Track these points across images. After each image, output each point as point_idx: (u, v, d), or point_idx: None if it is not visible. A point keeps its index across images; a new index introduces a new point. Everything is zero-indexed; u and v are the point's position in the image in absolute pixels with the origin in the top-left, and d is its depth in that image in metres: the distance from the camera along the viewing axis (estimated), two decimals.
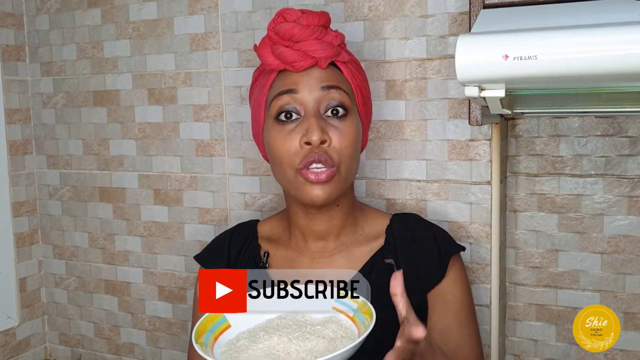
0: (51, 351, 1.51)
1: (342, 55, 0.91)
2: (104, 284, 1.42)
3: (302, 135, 0.87)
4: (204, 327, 0.79)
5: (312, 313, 0.82)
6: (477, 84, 0.77)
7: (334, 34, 0.91)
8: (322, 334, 0.75)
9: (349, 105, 0.89)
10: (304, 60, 0.87)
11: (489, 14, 0.83)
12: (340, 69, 0.91)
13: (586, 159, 1.05)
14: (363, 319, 0.76)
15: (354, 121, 0.90)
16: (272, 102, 0.90)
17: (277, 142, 0.89)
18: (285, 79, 0.89)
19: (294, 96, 0.88)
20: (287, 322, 0.80)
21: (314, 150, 0.86)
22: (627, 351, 1.06)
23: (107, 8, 1.32)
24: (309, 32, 0.88)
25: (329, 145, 0.87)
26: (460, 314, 0.93)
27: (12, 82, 1.40)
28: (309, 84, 0.88)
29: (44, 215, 1.47)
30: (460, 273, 0.95)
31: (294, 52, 0.88)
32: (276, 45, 0.90)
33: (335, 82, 0.89)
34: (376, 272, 0.92)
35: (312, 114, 0.87)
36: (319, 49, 0.87)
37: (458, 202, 1.08)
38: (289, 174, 0.89)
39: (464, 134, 1.06)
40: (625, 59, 0.68)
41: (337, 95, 0.88)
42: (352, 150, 0.89)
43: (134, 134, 1.33)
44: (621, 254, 1.05)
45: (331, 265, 0.95)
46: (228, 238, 1.03)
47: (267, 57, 0.90)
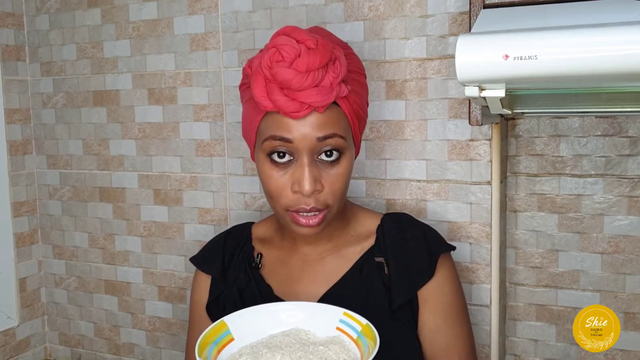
0: (51, 351, 1.51)
1: (341, 90, 0.84)
2: (104, 284, 1.42)
3: (294, 183, 0.85)
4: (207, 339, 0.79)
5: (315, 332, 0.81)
6: (477, 84, 0.77)
7: (333, 75, 0.82)
8: (324, 356, 0.75)
9: (344, 147, 0.86)
10: (301, 110, 0.82)
11: (489, 14, 0.83)
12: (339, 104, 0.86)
13: (586, 159, 1.05)
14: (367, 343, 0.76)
15: (348, 158, 0.87)
16: (264, 141, 0.86)
17: (270, 180, 0.87)
18: (280, 121, 0.84)
19: (287, 144, 0.84)
20: (290, 340, 0.79)
21: (304, 200, 0.85)
22: (627, 351, 1.06)
23: (107, 8, 1.32)
24: (309, 82, 0.80)
25: (321, 192, 0.85)
26: (449, 313, 0.93)
27: (12, 82, 1.40)
28: (304, 134, 0.83)
29: (44, 215, 1.47)
30: (449, 272, 0.94)
31: (292, 103, 0.81)
32: (271, 86, 0.82)
33: (333, 129, 0.84)
34: (367, 271, 0.93)
35: (306, 163, 0.84)
36: (318, 99, 0.81)
37: (458, 202, 1.08)
38: (278, 209, 0.89)
39: (464, 134, 1.06)
40: (625, 59, 0.68)
41: (333, 142, 0.84)
42: (346, 187, 0.88)
43: (134, 134, 1.33)
44: (621, 254, 1.05)
45: (323, 266, 0.95)
46: (223, 240, 1.04)
47: (262, 99, 0.83)
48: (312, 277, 0.95)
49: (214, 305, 1.00)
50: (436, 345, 0.92)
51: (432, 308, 0.92)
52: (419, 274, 0.92)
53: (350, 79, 0.88)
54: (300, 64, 0.80)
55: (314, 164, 0.85)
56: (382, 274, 0.92)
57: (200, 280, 1.04)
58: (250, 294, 0.96)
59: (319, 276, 0.95)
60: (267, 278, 0.97)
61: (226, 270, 1.01)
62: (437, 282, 0.92)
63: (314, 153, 0.85)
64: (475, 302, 1.09)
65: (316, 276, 0.95)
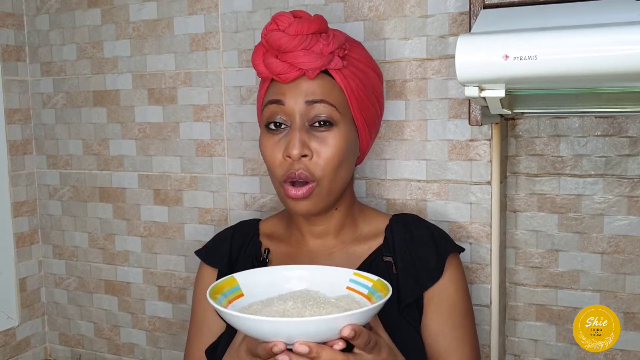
0: (51, 351, 1.51)
1: (334, 62, 0.88)
2: (104, 284, 1.42)
3: (285, 149, 0.88)
4: (219, 289, 0.79)
5: (325, 293, 0.81)
6: (477, 84, 0.77)
7: (324, 42, 0.87)
8: (336, 305, 0.76)
9: (336, 118, 0.88)
10: (290, 72, 0.87)
11: (489, 14, 0.83)
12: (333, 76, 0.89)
13: (586, 159, 1.05)
14: (378, 295, 0.76)
15: (342, 131, 0.89)
16: (263, 110, 0.91)
17: (266, 151, 0.91)
18: (275, 88, 0.90)
19: (281, 107, 0.89)
20: (300, 294, 0.80)
21: (294, 166, 0.87)
22: (627, 351, 1.06)
23: (107, 8, 1.32)
24: (297, 43, 0.86)
25: (311, 159, 0.87)
26: (454, 315, 0.93)
27: (12, 82, 1.40)
28: (295, 97, 0.88)
29: (44, 215, 1.47)
30: (457, 274, 0.95)
31: (281, 64, 0.87)
32: (267, 54, 0.89)
33: (321, 95, 0.88)
34: (375, 270, 0.93)
35: (297, 127, 0.88)
36: (305, 60, 0.86)
37: (458, 202, 1.08)
38: (275, 184, 0.92)
39: (464, 134, 1.06)
40: (625, 59, 0.68)
41: (323, 109, 0.87)
42: (337, 162, 0.89)
43: (134, 134, 1.33)
44: (621, 254, 1.05)
45: (330, 263, 0.95)
46: (230, 234, 1.04)
47: (258, 65, 0.90)
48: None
49: None
50: (438, 347, 0.92)
51: (436, 309, 0.92)
52: (426, 274, 0.92)
53: (352, 63, 0.91)
54: (290, 29, 0.87)
55: (305, 130, 0.88)
56: (390, 273, 0.93)
57: (205, 273, 1.03)
58: None
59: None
60: None
61: (233, 265, 1.01)
62: (444, 283, 0.92)
63: (305, 119, 0.88)
64: (475, 302, 1.09)
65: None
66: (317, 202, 0.90)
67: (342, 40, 0.90)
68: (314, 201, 0.89)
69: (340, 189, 0.92)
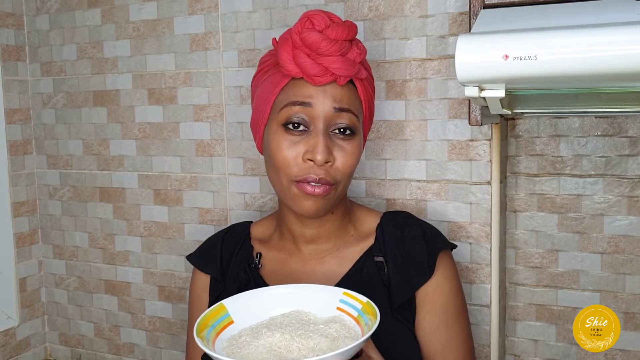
0: (51, 351, 1.51)
1: (361, 72, 0.89)
2: (104, 284, 1.42)
3: (307, 151, 0.86)
4: (206, 322, 0.79)
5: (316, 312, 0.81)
6: (477, 84, 0.77)
7: (357, 51, 0.87)
8: (325, 333, 0.75)
9: (357, 127, 0.89)
10: (324, 76, 0.85)
11: (489, 14, 0.83)
12: (355, 86, 0.90)
13: (586, 159, 1.05)
14: (367, 319, 0.76)
15: (359, 141, 0.90)
16: (282, 109, 0.87)
17: (280, 149, 0.87)
18: (301, 88, 0.87)
19: (307, 109, 0.86)
20: (290, 320, 0.79)
21: (314, 170, 0.86)
22: (627, 351, 1.06)
23: (107, 8, 1.32)
24: (336, 48, 0.85)
25: (332, 165, 0.87)
26: (447, 313, 0.92)
27: (12, 82, 1.40)
28: (324, 101, 0.86)
29: (44, 215, 1.47)
30: (449, 271, 0.94)
31: (317, 66, 0.85)
32: (298, 51, 0.86)
33: (348, 105, 0.87)
34: (366, 271, 0.93)
35: (321, 132, 0.86)
36: (341, 67, 0.85)
37: (458, 202, 1.08)
38: (283, 181, 0.89)
39: (464, 134, 1.06)
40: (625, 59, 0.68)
41: (347, 119, 0.87)
42: (353, 169, 0.90)
43: (134, 134, 1.33)
44: (621, 254, 1.05)
45: (322, 266, 0.95)
46: (221, 239, 1.03)
47: (287, 63, 0.87)
48: (312, 277, 0.95)
49: None
50: (432, 345, 0.91)
51: (430, 308, 0.92)
52: (417, 273, 0.92)
53: (369, 74, 0.93)
54: (330, 32, 0.85)
55: (328, 135, 0.87)
56: (382, 273, 0.92)
57: (199, 279, 1.04)
58: None
59: (318, 277, 0.95)
60: (266, 278, 0.97)
61: (225, 270, 1.00)
62: (436, 281, 0.92)
63: (329, 125, 0.87)
64: (475, 302, 1.09)
65: (316, 277, 0.95)
66: (327, 204, 0.89)
67: (365, 53, 0.91)
68: (325, 202, 0.88)
69: (343, 196, 0.93)
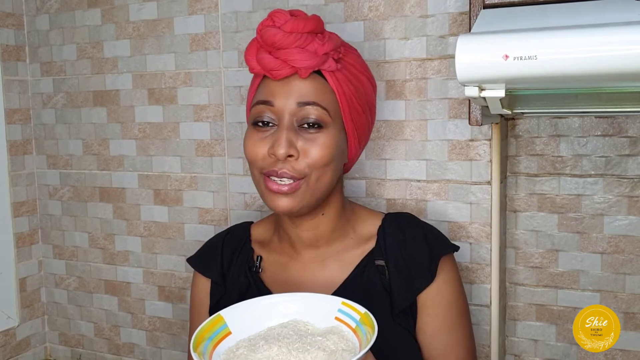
0: (51, 351, 1.51)
1: (328, 63, 0.86)
2: (104, 284, 1.42)
3: (270, 146, 0.86)
4: (203, 334, 0.78)
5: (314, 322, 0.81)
6: (477, 84, 0.77)
7: (319, 42, 0.86)
8: (322, 346, 0.75)
9: (327, 121, 0.87)
10: (282, 69, 0.85)
11: (489, 14, 0.83)
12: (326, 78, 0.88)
13: (586, 159, 1.05)
14: (365, 331, 0.76)
15: (331, 134, 0.87)
16: (251, 109, 0.90)
17: (249, 145, 0.88)
18: (266, 86, 0.88)
19: (270, 108, 0.87)
20: (287, 332, 0.79)
21: (277, 164, 0.86)
22: (627, 351, 1.06)
23: (107, 8, 1.32)
24: (291, 40, 0.84)
25: (297, 159, 0.86)
26: (449, 317, 0.92)
27: (12, 82, 1.40)
28: (285, 97, 0.86)
29: (44, 215, 1.47)
30: (451, 274, 0.93)
31: (274, 60, 0.85)
32: (260, 50, 0.87)
33: (313, 98, 0.86)
34: (367, 275, 0.92)
35: (284, 126, 0.86)
36: (299, 58, 0.84)
37: (458, 202, 1.08)
38: (255, 174, 0.90)
39: (464, 134, 1.06)
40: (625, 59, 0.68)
41: (313, 112, 0.86)
42: (326, 161, 0.86)
43: (134, 134, 1.33)
44: (621, 254, 1.05)
45: (323, 271, 0.94)
46: (221, 241, 1.03)
47: (250, 61, 0.88)
48: (313, 282, 0.94)
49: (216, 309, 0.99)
50: (434, 349, 0.91)
51: (431, 312, 0.91)
52: (419, 277, 0.91)
53: (347, 68, 0.89)
54: (286, 26, 0.86)
55: (293, 130, 0.86)
56: (383, 277, 0.91)
57: (200, 282, 1.03)
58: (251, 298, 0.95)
59: (319, 281, 0.93)
60: (267, 282, 0.96)
61: (226, 274, 1.00)
62: (438, 285, 0.91)
63: (294, 119, 0.86)
64: (475, 302, 1.09)
65: (316, 281, 0.94)
66: (300, 200, 0.87)
67: (337, 42, 0.89)
68: (298, 198, 0.86)
69: (324, 192, 0.89)
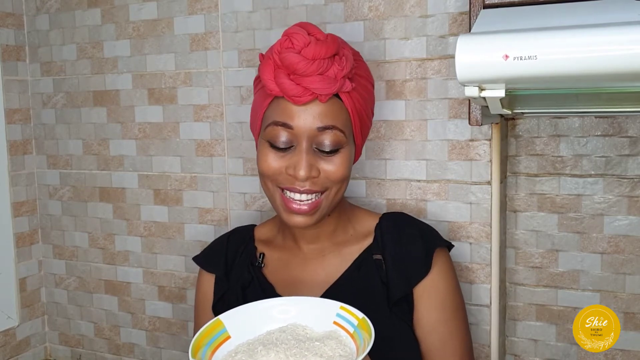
0: (51, 351, 1.51)
1: (345, 85, 0.88)
2: (104, 284, 1.42)
3: (289, 167, 0.87)
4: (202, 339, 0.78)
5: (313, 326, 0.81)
6: (477, 84, 0.77)
7: (338, 67, 0.86)
8: (320, 352, 0.75)
9: (343, 142, 0.89)
10: (304, 95, 0.85)
11: (489, 14, 0.83)
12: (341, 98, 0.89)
13: (586, 159, 1.05)
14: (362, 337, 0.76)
15: (347, 151, 0.90)
16: (267, 127, 0.89)
17: (265, 162, 0.89)
18: (284, 107, 0.87)
19: (289, 131, 0.87)
20: (286, 337, 0.79)
21: (299, 183, 0.87)
22: (627, 351, 1.06)
23: (107, 8, 1.32)
24: (314, 68, 0.84)
25: (317, 177, 0.88)
26: (444, 310, 0.93)
27: (12, 82, 1.40)
28: (305, 121, 0.86)
29: (44, 215, 1.47)
30: (445, 268, 0.95)
31: (295, 87, 0.85)
32: (279, 71, 0.86)
33: (332, 122, 0.87)
34: (365, 268, 0.94)
35: (304, 149, 0.87)
36: (320, 86, 0.85)
37: (458, 202, 1.08)
38: (269, 186, 0.91)
39: (464, 134, 1.06)
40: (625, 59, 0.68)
41: (331, 137, 0.87)
42: (344, 177, 0.90)
43: (134, 134, 1.33)
44: (621, 254, 1.05)
45: (323, 265, 0.97)
46: (226, 240, 1.05)
47: (268, 82, 0.87)
48: (313, 276, 0.96)
49: (220, 304, 1.01)
50: (431, 342, 0.92)
51: (427, 304, 0.93)
52: (415, 270, 0.93)
53: (357, 81, 0.91)
54: (307, 52, 0.85)
55: (312, 152, 0.88)
56: (380, 271, 0.94)
57: (204, 280, 1.05)
58: (253, 293, 0.96)
59: (319, 275, 0.96)
60: (269, 277, 0.99)
61: (229, 270, 1.02)
62: (433, 278, 0.93)
63: (312, 142, 0.88)
64: (475, 302, 1.09)
65: (317, 275, 0.96)
66: (320, 215, 0.90)
67: (351, 60, 0.89)
68: (317, 214, 0.90)
69: (338, 202, 0.93)
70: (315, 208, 0.89)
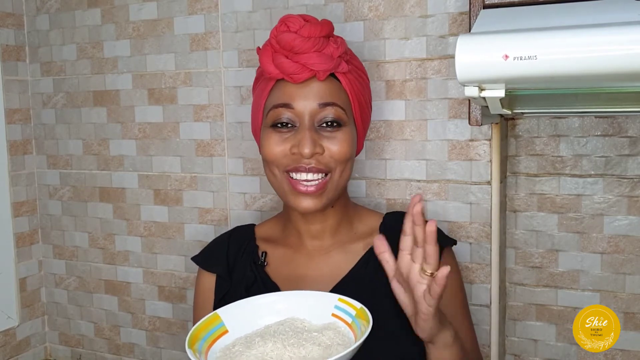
0: (51, 351, 1.51)
1: (341, 66, 0.91)
2: (104, 284, 1.42)
3: (293, 145, 0.89)
4: (199, 333, 0.78)
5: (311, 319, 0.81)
6: (477, 84, 0.77)
7: (334, 46, 0.90)
8: (317, 341, 0.75)
9: (344, 119, 0.91)
10: (302, 72, 0.88)
11: (489, 14, 0.83)
12: (339, 80, 0.92)
13: (586, 159, 1.05)
14: (360, 325, 0.76)
15: (349, 131, 0.92)
16: (269, 112, 0.91)
17: (269, 146, 0.91)
18: (284, 89, 0.90)
19: (290, 110, 0.90)
20: (284, 329, 0.79)
21: (303, 160, 0.89)
22: (627, 351, 1.06)
23: (107, 8, 1.32)
24: (310, 45, 0.88)
25: (322, 154, 0.89)
26: (452, 306, 0.94)
27: (12, 82, 1.40)
28: (306, 99, 0.89)
29: (44, 215, 1.47)
30: (453, 265, 0.96)
31: (293, 64, 0.88)
32: (277, 54, 0.90)
33: (332, 98, 0.90)
34: (372, 266, 0.94)
35: (307, 127, 0.89)
36: (318, 62, 0.88)
37: (458, 202, 1.08)
38: (276, 173, 0.92)
39: (464, 134, 1.06)
40: (625, 59, 0.68)
41: (333, 112, 0.90)
42: (347, 156, 0.91)
43: (134, 134, 1.33)
44: (621, 254, 1.05)
45: (328, 262, 0.96)
46: (227, 239, 1.04)
47: (267, 65, 0.91)
48: (318, 273, 0.96)
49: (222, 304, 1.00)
50: None
51: None
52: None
53: (353, 69, 0.94)
54: (303, 31, 0.89)
55: (314, 129, 0.90)
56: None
57: (204, 280, 1.04)
58: (257, 292, 0.96)
59: (324, 272, 0.96)
60: (272, 276, 0.98)
61: (232, 269, 1.01)
62: None
63: (314, 120, 0.90)
64: (475, 302, 1.09)
65: (322, 272, 0.96)
66: (326, 198, 0.91)
67: (346, 45, 0.93)
68: (324, 197, 0.91)
69: (344, 187, 0.95)
70: (322, 189, 0.90)
